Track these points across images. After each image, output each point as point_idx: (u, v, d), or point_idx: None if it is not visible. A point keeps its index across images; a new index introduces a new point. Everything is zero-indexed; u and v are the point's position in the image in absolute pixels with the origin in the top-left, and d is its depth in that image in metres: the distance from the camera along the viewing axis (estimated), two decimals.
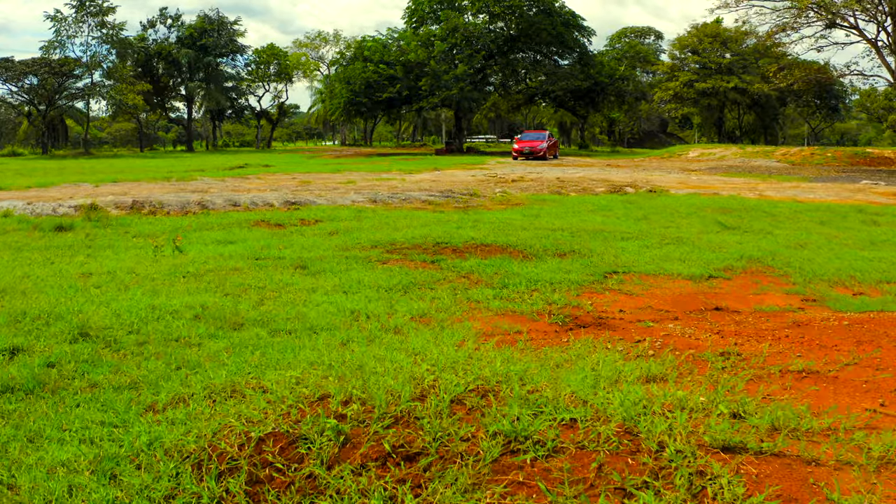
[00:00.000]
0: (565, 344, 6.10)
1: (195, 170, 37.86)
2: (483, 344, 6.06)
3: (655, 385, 4.84)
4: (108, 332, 6.93)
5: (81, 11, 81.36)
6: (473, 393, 4.59)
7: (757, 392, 4.76)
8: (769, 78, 54.46)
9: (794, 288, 9.27)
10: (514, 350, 5.78)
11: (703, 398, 4.50)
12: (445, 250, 11.97)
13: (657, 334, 6.38)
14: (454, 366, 5.14)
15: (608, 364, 5.31)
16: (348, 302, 8.07)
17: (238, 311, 7.72)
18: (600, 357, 5.49)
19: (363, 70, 68.72)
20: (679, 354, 5.62)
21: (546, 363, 5.34)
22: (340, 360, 5.50)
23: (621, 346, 5.97)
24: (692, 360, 5.51)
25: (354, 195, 21.20)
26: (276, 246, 12.32)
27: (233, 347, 6.36)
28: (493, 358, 5.38)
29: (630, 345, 6.01)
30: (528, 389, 4.62)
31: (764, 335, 6.27)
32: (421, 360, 5.39)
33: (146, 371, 5.80)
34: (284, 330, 6.93)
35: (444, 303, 8.07)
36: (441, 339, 6.22)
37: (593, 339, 6.22)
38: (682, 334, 6.41)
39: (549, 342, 6.22)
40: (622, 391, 4.60)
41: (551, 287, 8.97)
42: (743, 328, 6.68)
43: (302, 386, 4.89)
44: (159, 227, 15.17)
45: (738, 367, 5.32)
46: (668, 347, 5.84)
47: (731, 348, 5.81)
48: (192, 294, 8.60)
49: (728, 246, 12.37)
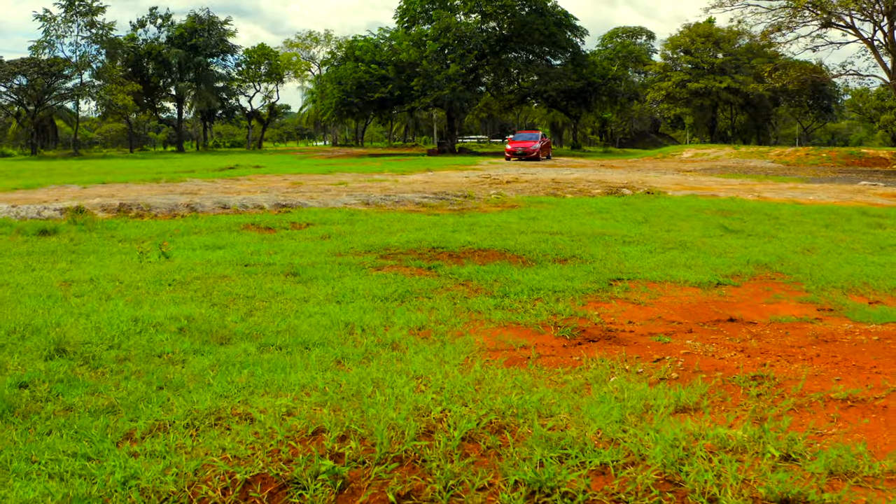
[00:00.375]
0: (578, 363, 5.69)
1: (185, 171, 37.39)
2: (490, 364, 5.64)
3: (690, 419, 4.41)
4: (87, 347, 6.49)
5: (71, 11, 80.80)
6: (487, 430, 4.15)
7: (804, 426, 4.33)
8: (763, 78, 54.16)
9: (807, 296, 8.88)
10: (525, 373, 5.36)
11: (747, 435, 4.06)
12: (442, 255, 11.57)
13: (676, 352, 5.97)
14: (462, 394, 4.72)
15: (632, 391, 4.88)
16: (342, 313, 7.65)
17: (225, 323, 7.30)
18: (621, 382, 5.07)
19: (354, 70, 68.25)
20: (707, 378, 5.19)
21: (563, 390, 4.91)
22: (335, 383, 5.08)
23: (640, 366, 5.55)
24: (723, 386, 5.09)
25: (346, 197, 20.77)
26: (266, 251, 11.90)
27: (219, 365, 5.94)
28: (504, 383, 4.96)
29: (650, 364, 5.60)
30: (549, 427, 4.17)
31: (793, 354, 5.87)
32: (424, 385, 4.97)
33: (125, 392, 5.38)
34: (274, 345, 6.51)
35: (443, 314, 7.66)
36: (444, 358, 5.81)
37: (607, 356, 5.80)
38: (703, 352, 5.99)
39: (559, 360, 5.81)
40: (655, 427, 4.16)
41: (554, 296, 8.57)
42: (767, 344, 6.27)
43: (293, 417, 4.45)
44: (146, 230, 14.72)
45: (774, 393, 4.90)
46: (692, 368, 5.43)
47: (762, 371, 5.39)
48: (178, 304, 8.18)
49: (733, 250, 11.99)
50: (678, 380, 5.18)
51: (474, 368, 5.46)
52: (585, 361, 5.69)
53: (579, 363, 5.65)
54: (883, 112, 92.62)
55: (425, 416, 4.33)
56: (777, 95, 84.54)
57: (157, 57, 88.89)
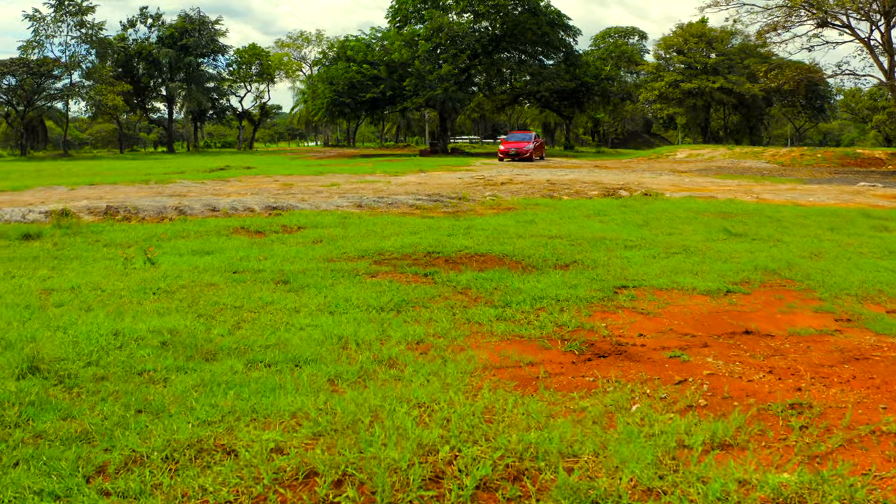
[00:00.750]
0: (592, 385, 5.26)
1: (175, 172, 36.92)
2: (498, 387, 5.21)
3: (732, 459, 3.95)
4: (63, 364, 6.06)
5: (60, 11, 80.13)
6: (503, 476, 3.70)
7: (859, 468, 3.90)
8: (758, 77, 53.89)
9: (822, 305, 8.47)
10: (538, 399, 4.91)
11: (802, 481, 3.62)
12: (438, 261, 11.17)
13: (698, 372, 5.54)
14: (472, 429, 4.27)
15: (660, 423, 4.44)
16: (335, 325, 7.23)
17: (211, 337, 6.87)
18: (645, 411, 4.64)
19: (346, 70, 67.79)
20: (740, 407, 4.75)
21: (583, 421, 4.46)
22: (329, 412, 4.64)
23: (663, 390, 5.11)
24: (760, 416, 4.64)
25: (339, 199, 20.34)
26: (256, 257, 11.47)
27: (203, 385, 5.51)
28: (516, 414, 4.52)
29: (672, 388, 5.16)
30: (575, 474, 3.72)
31: (826, 376, 5.44)
32: (428, 416, 4.52)
33: (101, 417, 4.96)
34: (263, 362, 6.08)
35: (442, 326, 7.24)
36: (446, 378, 5.39)
37: (623, 376, 5.38)
38: (728, 373, 5.56)
39: (571, 381, 5.39)
40: (697, 473, 3.71)
41: (558, 305, 8.16)
42: (794, 363, 5.85)
43: (282, 456, 4.00)
44: (132, 235, 14.26)
45: (818, 426, 4.47)
46: (720, 393, 5.00)
47: (799, 397, 4.96)
48: (162, 315, 7.75)
49: (739, 255, 11.60)
50: (707, 408, 4.75)
51: (482, 394, 5.01)
52: (601, 383, 5.26)
53: (594, 385, 5.23)
54: (876, 112, 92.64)
55: (432, 457, 3.88)
56: (770, 96, 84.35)
57: (148, 57, 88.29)
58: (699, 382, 5.27)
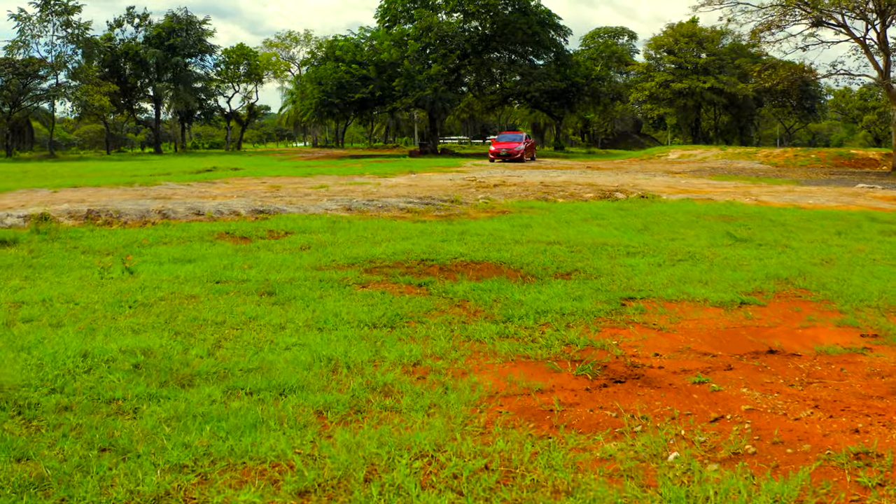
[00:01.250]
0: (615, 422, 4.67)
1: (160, 173, 36.26)
2: (510, 425, 4.63)
3: None
4: (24, 392, 5.48)
5: (46, 10, 79.36)
6: None
7: None
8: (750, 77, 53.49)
9: (844, 318, 7.92)
10: (560, 446, 4.30)
11: None
12: (432, 269, 10.62)
13: (734, 406, 4.94)
14: (489, 494, 3.65)
15: (712, 485, 3.78)
16: (324, 344, 6.65)
17: (188, 359, 6.30)
18: (686, 461, 4.02)
19: (335, 70, 67.14)
20: (797, 457, 4.14)
21: (617, 481, 3.85)
22: (317, 459, 4.06)
23: (700, 432, 4.49)
24: (823, 470, 4.02)
25: (327, 202, 19.76)
26: (240, 265, 10.89)
27: (176, 419, 4.93)
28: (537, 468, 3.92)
29: (709, 427, 4.55)
30: None
31: (883, 412, 4.85)
32: (434, 471, 3.92)
33: (60, 458, 4.38)
34: (244, 389, 5.50)
35: (440, 345, 6.67)
36: (450, 411, 4.82)
37: (648, 409, 4.79)
38: (770, 408, 4.96)
39: (590, 416, 4.81)
40: None
41: (563, 320, 7.61)
42: (837, 393, 5.28)
43: None
44: (113, 240, 13.66)
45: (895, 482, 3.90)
46: (768, 437, 4.39)
47: (861, 442, 4.36)
48: (136, 333, 7.16)
49: (748, 263, 11.06)
50: (758, 456, 4.15)
51: (494, 440, 4.40)
52: (626, 420, 4.68)
53: (617, 422, 4.66)
54: (866, 112, 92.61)
55: None
56: (760, 96, 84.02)
57: (135, 57, 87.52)
58: (739, 420, 4.67)
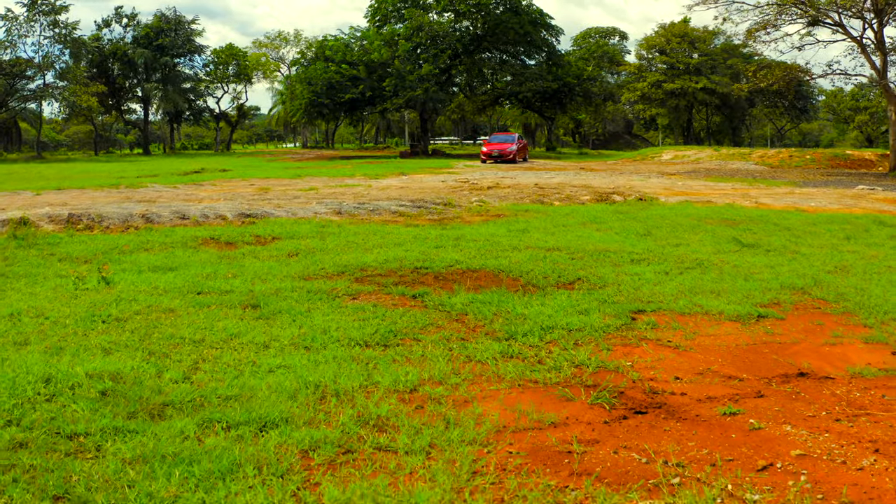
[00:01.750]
0: (648, 471, 4.06)
1: (147, 175, 35.60)
2: (524, 473, 4.04)
3: None
4: None
5: (33, 10, 78.44)
6: None
7: None
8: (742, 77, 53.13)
9: (871, 333, 7.35)
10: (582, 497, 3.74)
11: None
12: (427, 278, 10.04)
13: (782, 450, 4.32)
14: None
15: None
16: (311, 367, 6.05)
17: (161, 384, 5.70)
18: None
19: (325, 70, 66.45)
20: None
21: None
22: None
23: (752, 488, 3.81)
24: None
25: (317, 205, 19.14)
26: (224, 274, 10.29)
27: (143, 460, 4.34)
28: None
29: (758, 480, 3.92)
30: None
31: None
32: None
33: None
34: (221, 422, 4.90)
35: (438, 367, 6.08)
36: (453, 454, 4.24)
37: (680, 450, 4.20)
38: (825, 453, 4.34)
39: (615, 459, 4.22)
40: None
41: (571, 337, 7.02)
42: (893, 430, 4.69)
43: None
44: (92, 247, 13.04)
45: None
46: (833, 497, 3.79)
47: None
48: (107, 353, 6.56)
49: (759, 271, 10.50)
50: None
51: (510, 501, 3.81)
52: (660, 469, 4.06)
53: (649, 470, 4.05)
54: (858, 113, 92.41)
55: None
56: (753, 96, 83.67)
57: (123, 57, 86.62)
58: (793, 471, 4.05)
